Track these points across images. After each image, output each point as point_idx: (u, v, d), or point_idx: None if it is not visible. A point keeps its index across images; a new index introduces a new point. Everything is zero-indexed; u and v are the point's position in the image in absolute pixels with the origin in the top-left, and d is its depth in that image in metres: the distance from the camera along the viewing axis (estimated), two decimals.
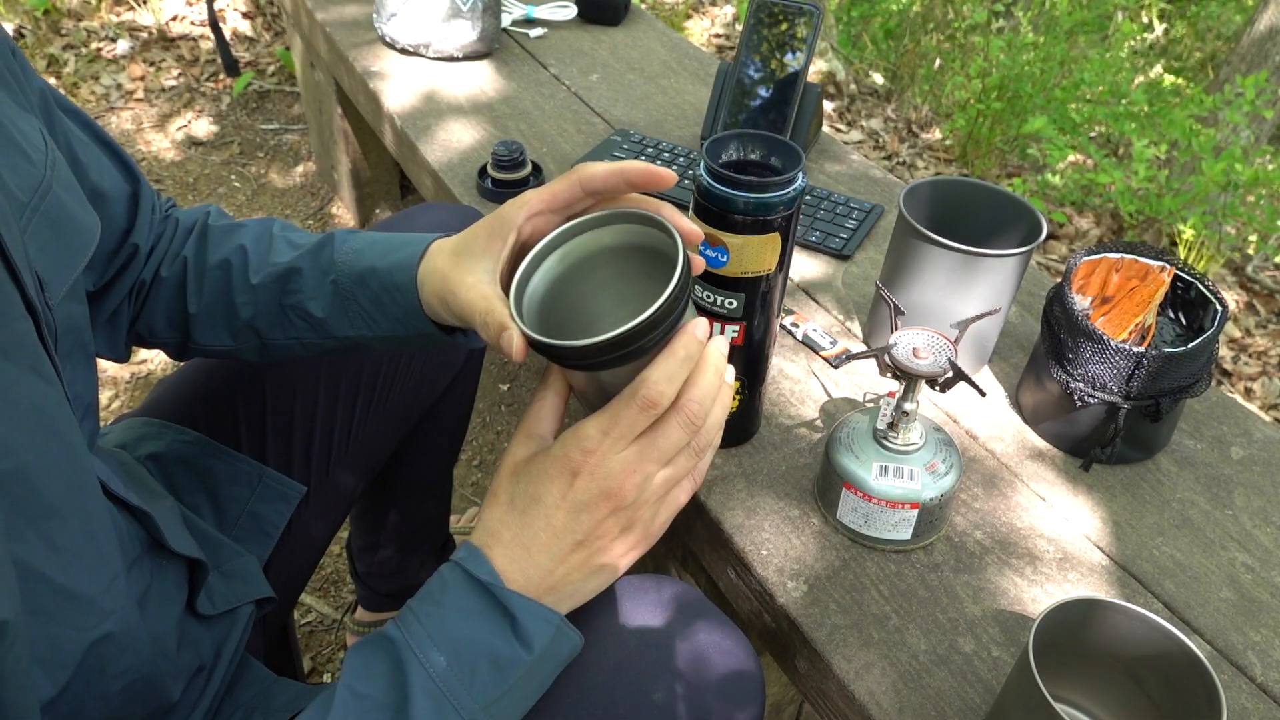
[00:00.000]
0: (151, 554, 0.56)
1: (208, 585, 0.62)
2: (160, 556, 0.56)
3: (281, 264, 0.65)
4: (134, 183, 0.65)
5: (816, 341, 0.96)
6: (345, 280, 0.63)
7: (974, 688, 0.67)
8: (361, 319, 0.64)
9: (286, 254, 0.66)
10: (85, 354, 0.54)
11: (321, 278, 0.64)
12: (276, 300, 0.65)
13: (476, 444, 1.60)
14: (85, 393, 0.54)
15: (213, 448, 0.74)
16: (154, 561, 0.56)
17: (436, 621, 0.48)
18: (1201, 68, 3.53)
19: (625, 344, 0.46)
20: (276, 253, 0.66)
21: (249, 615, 0.66)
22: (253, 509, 0.74)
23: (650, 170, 0.54)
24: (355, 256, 0.63)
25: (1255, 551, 0.78)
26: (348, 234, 0.66)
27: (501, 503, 0.51)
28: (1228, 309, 0.81)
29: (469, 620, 0.48)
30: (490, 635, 0.48)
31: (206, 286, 0.67)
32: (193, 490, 0.72)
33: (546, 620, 0.49)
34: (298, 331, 0.66)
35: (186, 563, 0.59)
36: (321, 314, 0.64)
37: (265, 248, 0.66)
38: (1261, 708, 0.66)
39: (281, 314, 0.66)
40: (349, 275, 0.63)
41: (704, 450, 0.52)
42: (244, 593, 0.66)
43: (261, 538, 0.74)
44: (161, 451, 0.72)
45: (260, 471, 0.75)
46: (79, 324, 0.52)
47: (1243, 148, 2.17)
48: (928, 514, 0.73)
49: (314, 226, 2.14)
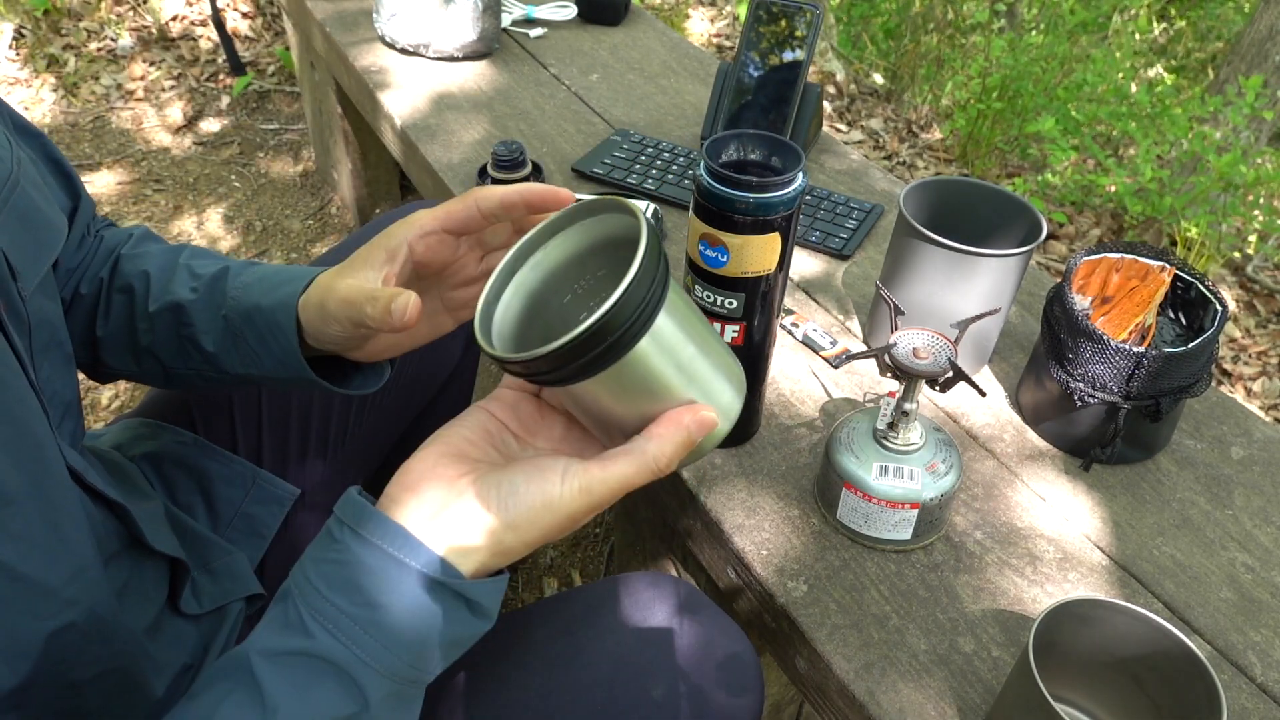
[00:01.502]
0: (131, 550, 0.55)
1: (195, 583, 0.62)
2: (140, 553, 0.56)
3: (176, 296, 0.64)
4: (74, 199, 0.65)
5: (816, 341, 0.96)
6: (234, 317, 0.62)
7: (974, 688, 0.67)
8: (250, 357, 0.63)
9: (185, 285, 0.64)
10: (62, 352, 0.54)
11: (214, 312, 0.63)
12: (174, 331, 0.64)
13: None
14: (65, 390, 0.54)
15: (208, 449, 0.74)
16: (133, 558, 0.56)
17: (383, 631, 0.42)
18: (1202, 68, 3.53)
19: (595, 343, 0.40)
20: (177, 283, 0.65)
21: (239, 613, 0.66)
22: (246, 510, 0.74)
23: (549, 191, 0.51)
24: (244, 292, 0.62)
25: (1255, 551, 0.77)
26: (242, 266, 0.65)
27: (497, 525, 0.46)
28: (1228, 309, 0.81)
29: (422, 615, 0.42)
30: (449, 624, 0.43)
31: (112, 311, 0.66)
32: (187, 491, 0.72)
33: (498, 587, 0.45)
34: (195, 365, 0.65)
35: (168, 561, 0.59)
36: (213, 349, 0.63)
37: (168, 277, 0.65)
38: (1261, 708, 0.66)
39: (179, 345, 0.65)
40: (237, 311, 0.62)
41: None
42: (232, 590, 0.66)
43: (255, 539, 0.74)
44: (157, 452, 0.72)
45: (254, 473, 0.75)
46: (52, 320, 0.52)
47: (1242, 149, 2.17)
48: (928, 514, 0.73)
49: (314, 226, 2.14)
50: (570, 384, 0.43)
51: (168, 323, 0.64)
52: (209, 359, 0.64)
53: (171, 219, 2.13)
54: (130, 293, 0.65)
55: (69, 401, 0.55)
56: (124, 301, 0.66)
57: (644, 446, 0.44)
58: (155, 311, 0.64)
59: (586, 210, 0.47)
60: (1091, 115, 2.45)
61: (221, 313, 0.63)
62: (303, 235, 2.11)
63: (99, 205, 2.15)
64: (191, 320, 0.63)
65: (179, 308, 0.64)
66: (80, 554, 0.47)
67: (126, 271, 0.67)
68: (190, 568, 0.61)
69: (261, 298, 0.61)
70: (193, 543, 0.65)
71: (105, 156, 2.32)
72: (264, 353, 0.62)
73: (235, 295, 0.62)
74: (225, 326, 0.63)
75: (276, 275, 0.62)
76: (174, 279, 0.65)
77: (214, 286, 0.64)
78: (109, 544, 0.53)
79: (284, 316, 0.59)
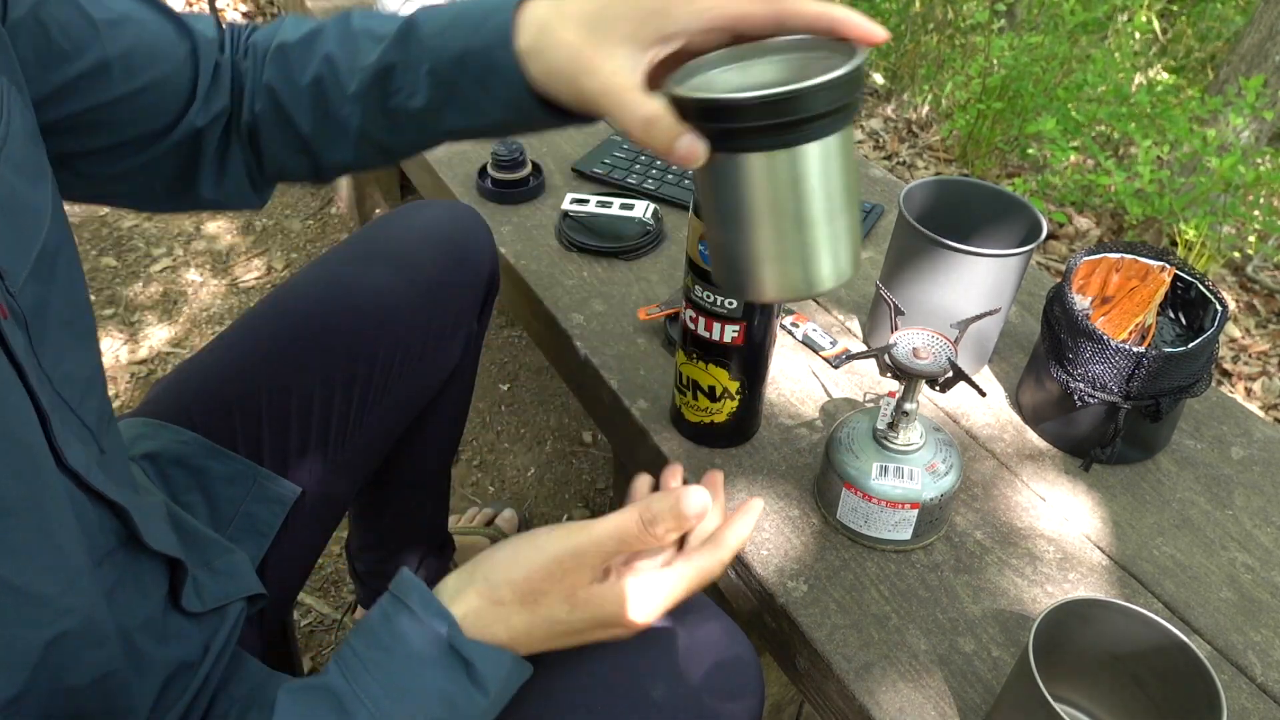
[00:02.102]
0: (126, 548, 0.54)
1: (196, 582, 0.62)
2: (136, 551, 0.55)
3: (373, 64, 0.57)
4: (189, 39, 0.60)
5: (816, 341, 0.96)
6: (441, 68, 0.55)
7: (974, 688, 0.67)
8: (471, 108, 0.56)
9: (373, 51, 0.58)
10: (72, 331, 0.51)
11: (415, 69, 0.56)
12: (380, 106, 0.59)
13: (476, 444, 1.60)
14: (80, 368, 0.51)
15: (208, 448, 0.74)
16: (129, 556, 0.55)
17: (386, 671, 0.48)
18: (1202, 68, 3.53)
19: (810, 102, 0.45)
20: (363, 53, 0.58)
21: (239, 612, 0.66)
22: (247, 509, 0.74)
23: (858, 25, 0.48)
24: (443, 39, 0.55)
25: (1255, 551, 0.77)
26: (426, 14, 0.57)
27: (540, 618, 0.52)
28: (1228, 309, 0.81)
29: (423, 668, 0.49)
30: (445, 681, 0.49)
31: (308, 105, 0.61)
32: (188, 490, 0.72)
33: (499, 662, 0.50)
34: (411, 136, 0.60)
35: (166, 560, 0.59)
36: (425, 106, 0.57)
37: (351, 51, 0.59)
38: (1261, 708, 0.66)
39: (389, 119, 0.59)
40: (443, 62, 0.55)
41: None
42: (233, 589, 0.66)
43: (256, 538, 0.74)
44: (157, 451, 0.72)
45: (255, 472, 0.75)
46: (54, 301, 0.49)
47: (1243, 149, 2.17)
48: (928, 514, 0.73)
49: (314, 226, 2.14)
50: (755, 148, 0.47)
51: (373, 99, 0.59)
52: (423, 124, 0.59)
53: (172, 219, 2.13)
54: (320, 83, 0.60)
55: (87, 378, 0.52)
56: (316, 95, 0.60)
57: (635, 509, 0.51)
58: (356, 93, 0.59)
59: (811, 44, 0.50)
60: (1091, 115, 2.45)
61: (426, 67, 0.56)
62: (303, 235, 2.11)
63: (100, 206, 2.16)
64: (397, 86, 0.57)
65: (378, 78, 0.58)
66: (74, 562, 0.46)
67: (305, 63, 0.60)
68: (190, 565, 0.61)
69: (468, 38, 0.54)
70: (194, 541, 0.65)
71: None
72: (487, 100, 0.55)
73: (435, 45, 0.56)
74: (434, 82, 0.56)
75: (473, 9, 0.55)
76: (358, 51, 0.59)
77: (405, 42, 0.57)
78: (104, 543, 0.52)
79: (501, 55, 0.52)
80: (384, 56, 0.57)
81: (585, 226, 1.11)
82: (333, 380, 0.80)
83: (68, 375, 0.50)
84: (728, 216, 0.50)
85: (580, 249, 1.09)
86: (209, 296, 1.91)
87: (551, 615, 0.52)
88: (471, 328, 0.94)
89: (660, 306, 0.98)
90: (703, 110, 0.46)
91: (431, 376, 0.91)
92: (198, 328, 1.84)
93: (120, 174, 0.59)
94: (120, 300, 1.89)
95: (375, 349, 0.82)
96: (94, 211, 2.13)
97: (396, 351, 0.84)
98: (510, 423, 1.65)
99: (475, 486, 1.53)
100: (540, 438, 1.62)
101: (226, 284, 1.95)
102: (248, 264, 2.01)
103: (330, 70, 0.59)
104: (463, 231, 0.91)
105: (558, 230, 1.12)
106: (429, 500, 1.10)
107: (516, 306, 1.13)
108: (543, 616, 0.52)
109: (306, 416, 0.79)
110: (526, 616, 0.51)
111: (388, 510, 1.07)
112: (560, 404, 1.68)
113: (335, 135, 0.61)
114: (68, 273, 0.51)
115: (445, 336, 0.89)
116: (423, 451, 1.01)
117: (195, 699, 0.59)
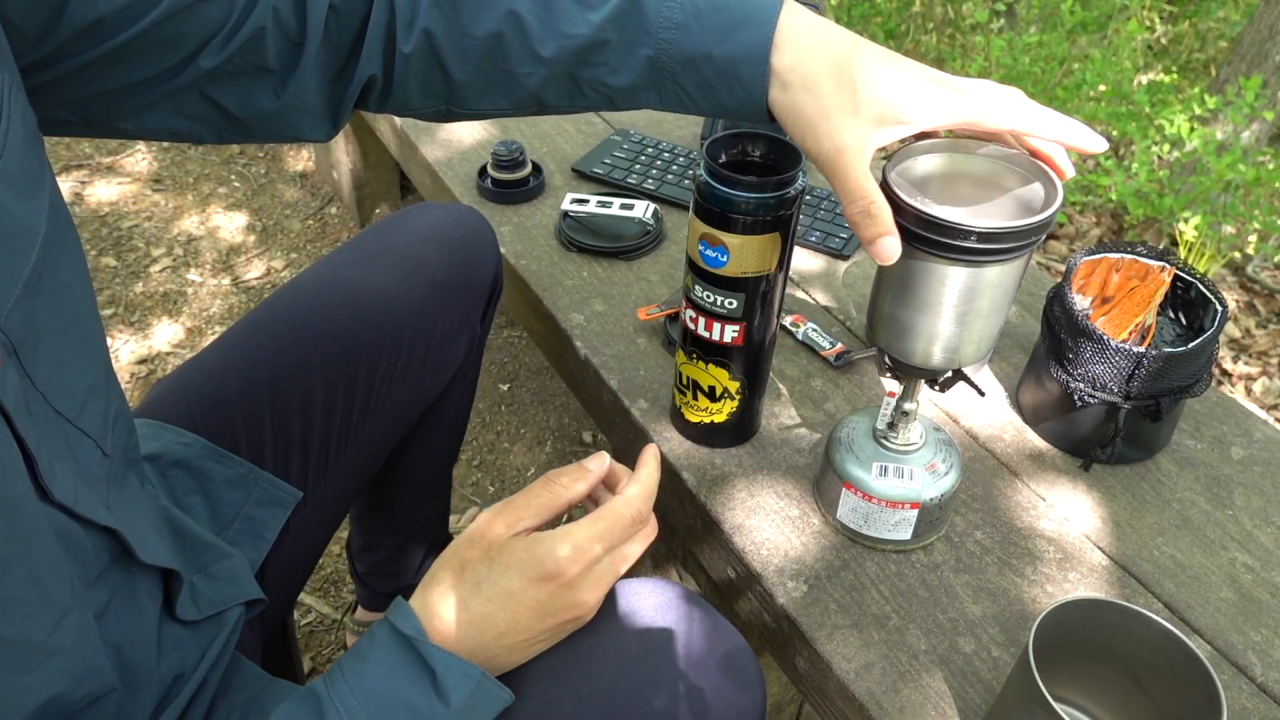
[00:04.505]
0: (119, 565, 0.53)
1: (193, 588, 0.61)
2: (130, 567, 0.54)
3: (581, 35, 0.57)
4: None
5: (816, 341, 0.96)
6: (667, 60, 0.56)
7: (974, 688, 0.67)
8: (679, 100, 0.58)
9: (583, 21, 0.57)
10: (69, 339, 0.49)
11: (630, 50, 0.57)
12: (569, 72, 0.59)
13: (476, 444, 1.60)
14: (83, 375, 0.50)
15: (209, 450, 0.74)
16: (122, 573, 0.54)
17: (358, 676, 0.51)
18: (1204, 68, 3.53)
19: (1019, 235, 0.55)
20: (568, 20, 0.57)
21: (237, 618, 0.65)
22: (248, 512, 0.73)
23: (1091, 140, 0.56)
24: (680, 33, 0.55)
25: (1255, 551, 0.77)
26: None
27: (467, 581, 0.54)
28: (1228, 309, 0.81)
29: (389, 674, 0.51)
30: (409, 690, 0.50)
31: (474, 57, 0.60)
32: (188, 492, 0.72)
33: (466, 675, 0.51)
34: (589, 101, 0.61)
35: (160, 571, 0.58)
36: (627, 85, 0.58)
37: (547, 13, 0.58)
38: (1262, 708, 0.66)
39: (573, 85, 0.60)
40: (673, 56, 0.56)
41: None
42: (231, 595, 0.65)
43: (257, 541, 0.73)
44: (159, 452, 0.72)
45: (256, 475, 0.75)
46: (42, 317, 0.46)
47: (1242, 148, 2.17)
48: (928, 514, 0.73)
49: (314, 226, 2.14)
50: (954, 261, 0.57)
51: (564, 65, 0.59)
52: (612, 98, 0.60)
53: (172, 219, 2.13)
54: (500, 38, 0.58)
55: (89, 385, 0.50)
56: (491, 47, 0.59)
57: None
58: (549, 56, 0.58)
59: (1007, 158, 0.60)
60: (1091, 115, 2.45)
61: (645, 53, 0.56)
62: (303, 235, 2.11)
63: (100, 206, 2.16)
64: (604, 60, 0.58)
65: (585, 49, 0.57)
66: (61, 602, 0.46)
67: (480, 15, 0.59)
68: (187, 573, 0.60)
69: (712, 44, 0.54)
70: (192, 546, 0.65)
71: (105, 156, 2.32)
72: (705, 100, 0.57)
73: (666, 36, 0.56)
74: (649, 67, 0.57)
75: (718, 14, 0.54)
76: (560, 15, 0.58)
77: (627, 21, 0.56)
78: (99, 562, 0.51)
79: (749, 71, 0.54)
80: (600, 31, 0.56)
81: (585, 226, 1.11)
82: (335, 382, 0.80)
83: (65, 386, 0.48)
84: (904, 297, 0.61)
85: (580, 249, 1.09)
86: (209, 296, 1.91)
87: (479, 578, 0.54)
88: (475, 330, 0.94)
89: (660, 306, 0.98)
90: (923, 220, 0.55)
91: (434, 379, 0.91)
92: (198, 328, 1.84)
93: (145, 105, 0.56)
94: (120, 300, 1.89)
95: (378, 351, 0.82)
96: (94, 211, 2.13)
97: (400, 353, 0.84)
98: (510, 423, 1.65)
99: (475, 486, 1.53)
100: (540, 438, 1.62)
101: (227, 284, 1.95)
102: (248, 264, 2.01)
103: (516, 28, 0.58)
104: (467, 233, 0.91)
105: (558, 230, 1.12)
106: (430, 501, 1.10)
107: (517, 306, 1.13)
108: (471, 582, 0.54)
109: (309, 418, 0.79)
110: (466, 588, 0.54)
111: (389, 511, 1.07)
112: (560, 404, 1.68)
113: (500, 89, 0.61)
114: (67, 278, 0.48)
115: (448, 339, 0.89)
116: (424, 453, 1.01)
117: (193, 707, 0.59)
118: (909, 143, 0.60)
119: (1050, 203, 0.56)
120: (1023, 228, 0.55)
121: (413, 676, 0.51)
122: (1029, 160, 0.59)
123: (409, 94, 0.63)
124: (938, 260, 0.58)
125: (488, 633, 0.53)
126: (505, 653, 0.54)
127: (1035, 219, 0.55)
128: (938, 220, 0.55)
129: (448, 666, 0.51)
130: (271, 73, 0.58)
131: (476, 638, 0.53)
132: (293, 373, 0.79)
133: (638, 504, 0.56)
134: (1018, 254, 0.57)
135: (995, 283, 0.59)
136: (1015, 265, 0.59)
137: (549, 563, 0.53)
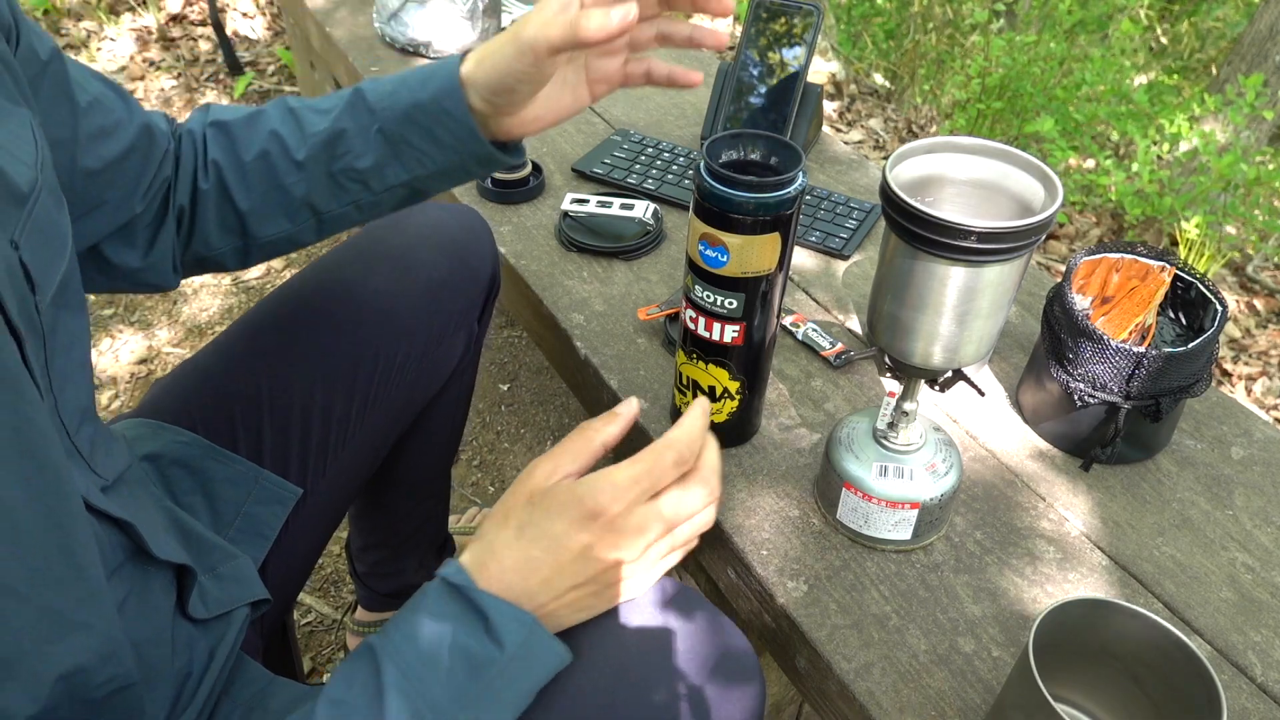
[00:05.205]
0: (134, 561, 0.55)
1: (201, 588, 0.62)
2: (145, 562, 0.56)
3: (322, 131, 0.66)
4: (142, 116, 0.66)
5: (816, 341, 0.96)
6: (390, 125, 0.65)
7: (974, 688, 0.67)
8: (415, 159, 0.66)
9: (321, 122, 0.67)
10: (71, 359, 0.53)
11: (364, 132, 0.65)
12: (326, 170, 0.67)
13: (476, 444, 1.60)
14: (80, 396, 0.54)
15: (209, 449, 0.74)
16: (137, 568, 0.55)
17: (411, 625, 0.51)
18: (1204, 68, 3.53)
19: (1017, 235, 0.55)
20: (310, 125, 0.67)
21: (244, 617, 0.65)
22: (249, 511, 0.74)
23: None
24: (392, 99, 0.65)
25: (1255, 551, 0.77)
26: (372, 84, 0.67)
27: (510, 527, 0.54)
28: (1228, 309, 0.81)
29: (441, 622, 0.51)
30: (464, 635, 0.50)
31: (252, 180, 0.68)
32: (188, 491, 0.72)
33: (519, 620, 0.51)
34: (352, 196, 0.68)
35: (173, 568, 0.59)
36: (372, 165, 0.66)
37: (296, 124, 0.68)
38: (1262, 708, 0.66)
39: (332, 182, 0.67)
40: (393, 119, 0.65)
41: (706, 522, 0.57)
42: (239, 595, 0.65)
43: (257, 539, 0.73)
44: (158, 452, 0.72)
45: (256, 473, 0.75)
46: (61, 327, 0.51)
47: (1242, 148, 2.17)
48: (928, 514, 0.73)
49: None
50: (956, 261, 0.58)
51: (320, 164, 0.67)
52: (367, 182, 0.67)
53: None
54: (268, 156, 0.67)
55: (84, 406, 0.54)
56: (263, 166, 0.67)
57: None
58: (305, 159, 0.67)
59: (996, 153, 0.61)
60: (1091, 115, 2.45)
61: (375, 128, 0.65)
62: None
63: None
64: (346, 149, 0.66)
65: (330, 142, 0.66)
66: (93, 579, 0.47)
67: (251, 139, 0.68)
68: (197, 572, 0.61)
69: (417, 94, 0.64)
70: (197, 546, 0.65)
71: None
72: (432, 147, 0.65)
73: (384, 106, 0.65)
74: (382, 140, 0.65)
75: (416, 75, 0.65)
76: (305, 123, 0.67)
77: (355, 109, 0.66)
78: (113, 557, 0.53)
79: (450, 102, 0.63)
80: (335, 123, 0.66)
81: (585, 226, 1.11)
82: (334, 381, 0.80)
83: (68, 402, 0.51)
84: (904, 297, 0.62)
85: (580, 249, 1.09)
86: (209, 296, 1.91)
87: (522, 522, 0.53)
88: (472, 329, 0.94)
89: (660, 306, 0.98)
90: (923, 220, 0.56)
91: (432, 377, 0.91)
92: (197, 328, 1.84)
93: None
94: (120, 300, 1.89)
95: (376, 350, 0.82)
96: None
97: (397, 352, 0.84)
98: (510, 423, 1.65)
99: (475, 486, 1.53)
100: (540, 438, 1.62)
101: (227, 284, 1.95)
102: None
103: (278, 144, 0.67)
104: (464, 233, 0.91)
105: (558, 230, 1.12)
106: (429, 501, 1.10)
107: (517, 307, 1.13)
108: (515, 527, 0.53)
109: (307, 417, 0.79)
110: (510, 534, 0.53)
111: (388, 510, 1.07)
112: (560, 404, 1.68)
113: (276, 206, 0.69)
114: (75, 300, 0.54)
115: (446, 337, 0.89)
116: (423, 452, 1.01)
117: (199, 704, 0.59)
118: None
119: (1050, 203, 0.56)
120: (1023, 228, 0.55)
121: (466, 622, 0.50)
122: (1029, 160, 0.60)
123: (209, 231, 0.70)
124: (938, 260, 0.58)
125: (532, 578, 0.52)
126: (551, 603, 0.53)
127: (1035, 219, 0.56)
128: (938, 220, 0.56)
129: (499, 611, 0.50)
130: None
131: (522, 584, 0.52)
132: (291, 372, 0.79)
133: (680, 447, 0.54)
134: (1017, 254, 0.57)
135: (995, 283, 0.60)
136: (1015, 265, 0.59)
137: (589, 501, 0.52)
